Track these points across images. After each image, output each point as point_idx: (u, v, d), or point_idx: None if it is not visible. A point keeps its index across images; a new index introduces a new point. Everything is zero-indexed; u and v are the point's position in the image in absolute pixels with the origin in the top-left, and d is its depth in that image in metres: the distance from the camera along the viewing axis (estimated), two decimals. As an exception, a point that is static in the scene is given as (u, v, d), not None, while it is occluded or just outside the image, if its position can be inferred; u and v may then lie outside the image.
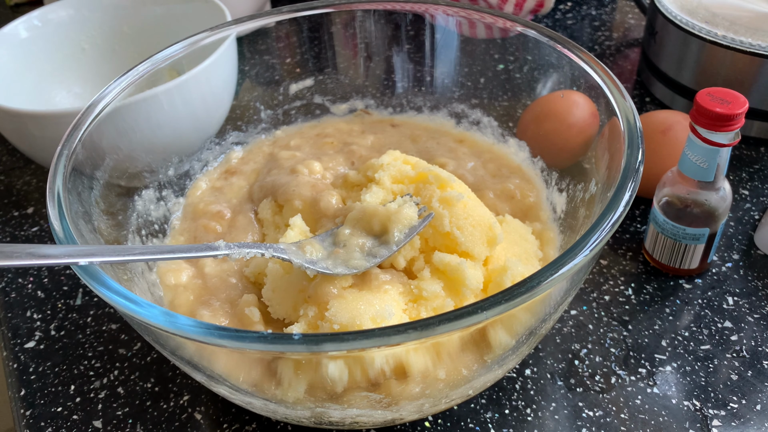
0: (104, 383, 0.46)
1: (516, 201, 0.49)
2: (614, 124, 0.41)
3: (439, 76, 0.59)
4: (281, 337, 0.29)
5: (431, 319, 0.29)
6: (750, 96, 0.60)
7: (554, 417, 0.43)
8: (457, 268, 0.40)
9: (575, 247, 0.32)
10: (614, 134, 0.40)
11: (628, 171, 0.36)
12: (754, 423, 0.42)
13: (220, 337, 0.29)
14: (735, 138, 0.44)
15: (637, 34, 0.82)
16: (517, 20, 0.49)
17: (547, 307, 0.36)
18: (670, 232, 0.49)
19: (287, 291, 0.41)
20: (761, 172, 0.60)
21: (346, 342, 0.29)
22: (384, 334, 0.29)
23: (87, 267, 0.33)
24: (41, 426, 0.44)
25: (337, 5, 0.54)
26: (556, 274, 0.31)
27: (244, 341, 0.29)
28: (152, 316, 0.31)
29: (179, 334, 0.30)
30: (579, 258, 0.31)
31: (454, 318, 0.29)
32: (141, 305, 0.31)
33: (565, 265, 0.31)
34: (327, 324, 0.37)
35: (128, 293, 0.32)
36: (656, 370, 0.45)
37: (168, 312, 0.31)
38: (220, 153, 0.56)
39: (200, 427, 0.44)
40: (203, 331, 0.30)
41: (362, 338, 0.29)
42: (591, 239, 0.32)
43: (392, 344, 0.29)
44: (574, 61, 0.46)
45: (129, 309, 0.31)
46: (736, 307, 0.49)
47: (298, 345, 0.29)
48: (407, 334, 0.29)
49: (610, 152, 0.41)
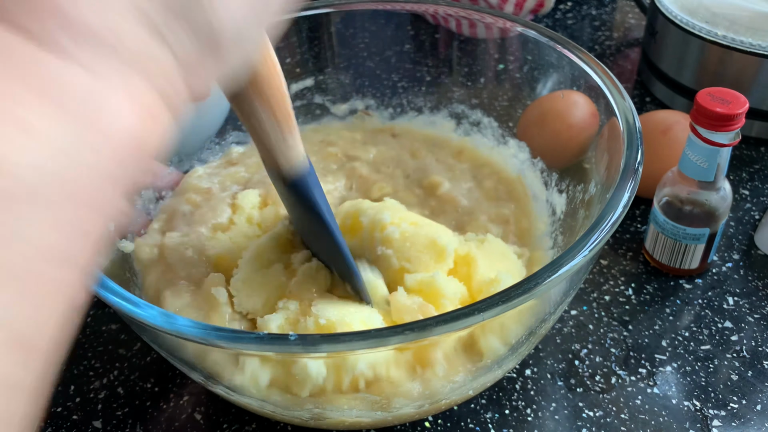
0: (104, 383, 0.46)
1: (509, 225, 0.48)
2: (613, 124, 0.41)
3: (440, 76, 0.59)
4: (277, 337, 0.29)
5: (429, 320, 0.29)
6: (750, 96, 0.60)
7: (554, 417, 0.43)
8: (430, 282, 0.39)
9: (574, 248, 0.32)
10: (613, 134, 0.40)
11: (627, 171, 0.36)
12: (755, 423, 0.42)
13: (217, 338, 0.29)
14: (735, 138, 0.44)
15: (638, 34, 0.82)
16: (517, 20, 0.49)
17: (547, 308, 0.36)
18: (670, 232, 0.49)
19: (261, 286, 0.41)
20: (761, 172, 0.60)
21: (342, 343, 0.28)
22: (381, 336, 0.29)
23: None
24: (41, 426, 0.44)
25: (336, 5, 0.54)
26: (554, 275, 0.30)
27: (240, 342, 0.29)
28: (150, 317, 0.30)
29: (176, 335, 0.30)
30: (577, 259, 0.31)
31: (451, 319, 0.29)
32: (139, 306, 0.31)
33: (564, 266, 0.31)
34: (312, 319, 0.36)
35: (126, 293, 0.32)
36: (656, 371, 0.45)
37: (166, 313, 0.31)
38: (219, 152, 0.56)
39: (200, 427, 0.44)
40: (200, 332, 0.30)
41: (359, 339, 0.29)
42: (590, 240, 0.32)
43: (389, 345, 0.29)
44: (573, 62, 0.46)
45: (127, 309, 0.31)
46: (736, 307, 0.49)
47: (294, 346, 0.29)
48: (404, 335, 0.28)
49: (610, 153, 0.41)
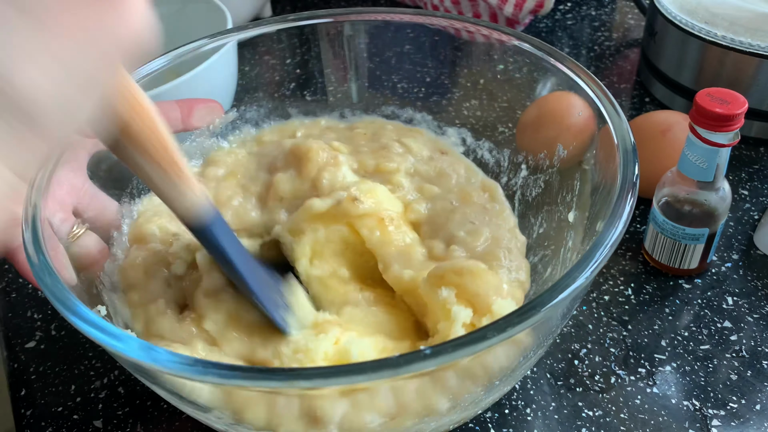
0: (105, 383, 0.46)
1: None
2: (609, 142, 0.39)
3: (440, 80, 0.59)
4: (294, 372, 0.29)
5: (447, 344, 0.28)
6: (749, 96, 0.60)
7: (554, 417, 0.43)
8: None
9: (593, 250, 0.31)
10: (608, 153, 0.39)
11: (624, 186, 0.35)
12: (754, 423, 0.42)
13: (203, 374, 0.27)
14: (735, 138, 0.44)
15: (637, 35, 0.82)
16: (513, 33, 0.49)
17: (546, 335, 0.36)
18: (669, 232, 0.49)
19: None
20: (761, 172, 0.60)
21: (341, 377, 0.27)
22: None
23: (56, 290, 0.30)
24: (41, 426, 0.44)
25: (335, 15, 0.54)
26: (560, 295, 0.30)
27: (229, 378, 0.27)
28: (129, 350, 0.28)
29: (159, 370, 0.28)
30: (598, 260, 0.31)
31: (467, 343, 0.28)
32: (118, 337, 0.29)
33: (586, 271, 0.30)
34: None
35: (103, 323, 0.29)
36: (656, 370, 0.45)
37: (146, 344, 0.28)
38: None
39: (200, 426, 0.44)
40: (181, 367, 0.27)
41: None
42: (591, 262, 0.31)
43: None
44: (573, 80, 0.44)
45: (103, 341, 0.29)
46: (735, 307, 0.49)
47: (303, 380, 0.27)
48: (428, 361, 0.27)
49: (605, 172, 0.40)
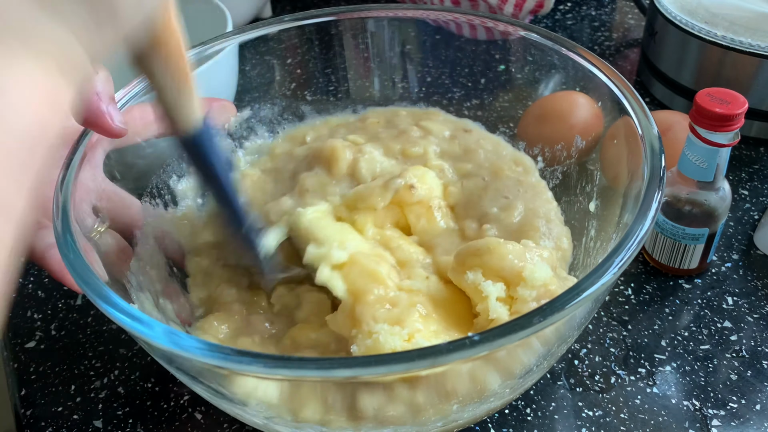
0: (105, 383, 0.46)
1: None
2: (634, 139, 0.40)
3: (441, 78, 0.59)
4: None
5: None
6: (749, 96, 0.60)
7: (554, 417, 0.43)
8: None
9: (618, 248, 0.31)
10: (635, 154, 0.39)
11: (653, 180, 0.36)
12: (754, 423, 0.42)
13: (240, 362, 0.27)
14: (734, 138, 0.44)
15: (637, 35, 0.82)
16: (519, 24, 0.49)
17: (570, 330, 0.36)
18: (669, 232, 0.49)
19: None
20: (761, 172, 0.60)
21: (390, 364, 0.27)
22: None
23: (90, 282, 0.31)
24: (41, 426, 0.44)
25: (340, 14, 0.54)
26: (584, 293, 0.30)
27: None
28: (156, 336, 0.29)
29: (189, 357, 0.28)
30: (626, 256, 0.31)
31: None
32: (146, 323, 0.29)
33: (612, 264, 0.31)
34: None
35: (133, 310, 0.30)
36: (656, 370, 0.45)
37: (172, 331, 0.29)
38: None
39: (200, 426, 0.44)
40: (216, 355, 0.28)
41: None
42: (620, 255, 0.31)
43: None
44: (595, 74, 0.44)
45: (133, 328, 0.29)
46: (735, 307, 0.49)
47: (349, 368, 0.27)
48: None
49: (630, 168, 0.40)
